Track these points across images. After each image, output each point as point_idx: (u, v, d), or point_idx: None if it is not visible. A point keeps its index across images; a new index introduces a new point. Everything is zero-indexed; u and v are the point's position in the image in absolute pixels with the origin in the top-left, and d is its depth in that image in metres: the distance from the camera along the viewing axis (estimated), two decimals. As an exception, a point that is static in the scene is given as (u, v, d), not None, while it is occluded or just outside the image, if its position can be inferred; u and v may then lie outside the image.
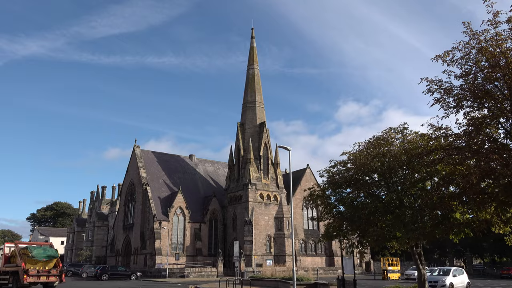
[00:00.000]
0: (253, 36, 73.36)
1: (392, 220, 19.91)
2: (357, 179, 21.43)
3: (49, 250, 29.87)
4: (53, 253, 29.66)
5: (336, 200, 23.92)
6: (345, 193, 23.69)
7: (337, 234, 22.64)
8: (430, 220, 18.53)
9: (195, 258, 61.11)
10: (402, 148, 20.72)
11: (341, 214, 23.56)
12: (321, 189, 23.69)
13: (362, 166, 20.78)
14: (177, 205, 62.39)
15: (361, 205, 20.95)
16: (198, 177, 72.55)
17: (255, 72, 71.10)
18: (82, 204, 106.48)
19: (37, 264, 28.27)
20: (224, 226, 66.06)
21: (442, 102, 17.87)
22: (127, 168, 71.73)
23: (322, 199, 23.61)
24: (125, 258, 67.34)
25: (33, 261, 28.13)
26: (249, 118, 68.26)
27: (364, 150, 22.00)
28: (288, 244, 62.21)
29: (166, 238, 59.79)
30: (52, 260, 29.16)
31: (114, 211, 78.69)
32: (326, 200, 23.80)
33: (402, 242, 20.96)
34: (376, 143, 21.30)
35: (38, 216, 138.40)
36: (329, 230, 23.22)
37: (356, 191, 21.87)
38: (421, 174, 20.28)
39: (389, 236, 20.49)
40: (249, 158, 64.30)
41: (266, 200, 63.84)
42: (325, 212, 23.94)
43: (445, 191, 18.07)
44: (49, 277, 28.69)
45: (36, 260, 28.20)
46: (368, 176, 21.62)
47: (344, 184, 21.92)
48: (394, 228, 19.27)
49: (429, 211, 18.71)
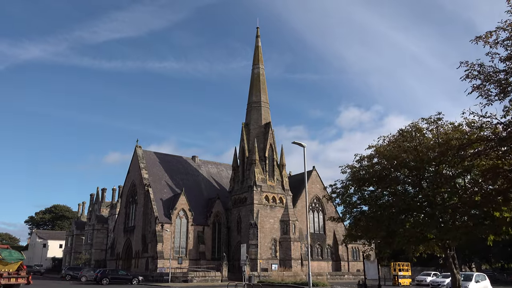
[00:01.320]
0: (258, 35, 71.81)
1: (424, 220, 18.15)
2: (385, 175, 19.62)
3: (14, 253, 30.39)
4: (19, 255, 30.25)
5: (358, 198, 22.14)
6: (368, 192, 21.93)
7: (361, 235, 20.75)
8: (471, 219, 16.73)
9: (198, 262, 59.10)
10: (436, 140, 18.94)
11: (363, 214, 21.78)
12: (343, 186, 21.85)
13: (394, 159, 18.91)
14: (180, 207, 60.49)
15: (389, 203, 19.15)
16: (201, 178, 70.70)
17: (260, 72, 69.44)
18: (81, 207, 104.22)
19: (7, 266, 28.86)
20: (228, 229, 64.11)
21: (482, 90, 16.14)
22: (128, 169, 69.91)
23: (343, 198, 21.81)
24: (125, 261, 65.33)
25: (3, 263, 28.63)
26: (254, 118, 66.52)
27: (392, 142, 20.18)
28: (294, 248, 60.38)
29: (169, 241, 57.84)
30: (18, 263, 29.80)
31: (114, 213, 76.73)
32: (347, 198, 22.00)
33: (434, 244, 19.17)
34: (408, 135, 19.46)
35: (36, 219, 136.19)
36: (353, 231, 21.35)
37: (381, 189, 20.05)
38: (456, 169, 18.49)
39: (420, 237, 18.71)
40: (254, 159, 62.48)
41: (272, 203, 61.97)
42: (346, 212, 22.14)
43: (490, 186, 16.29)
44: (18, 279, 29.55)
45: (6, 262, 28.73)
46: (397, 171, 19.79)
47: (370, 180, 20.09)
48: (429, 228, 17.47)
49: (468, 209, 16.92)
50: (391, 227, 18.96)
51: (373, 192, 20.51)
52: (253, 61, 70.55)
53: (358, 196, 21.35)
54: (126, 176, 70.30)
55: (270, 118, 67.44)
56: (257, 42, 71.31)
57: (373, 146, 20.76)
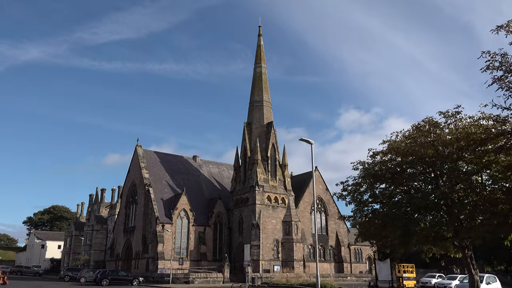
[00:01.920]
0: (260, 34, 71.05)
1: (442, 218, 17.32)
2: (400, 171, 18.77)
3: None
4: None
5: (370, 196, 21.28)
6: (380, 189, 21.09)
7: (375, 234, 19.88)
8: (494, 217, 15.89)
9: (199, 263, 58.18)
10: (454, 135, 18.09)
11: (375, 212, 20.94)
12: (354, 184, 20.99)
13: (410, 155, 18.04)
14: (181, 207, 59.58)
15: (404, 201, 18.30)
16: (202, 178, 69.82)
17: (263, 71, 68.70)
18: (80, 207, 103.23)
19: None
20: (229, 230, 63.20)
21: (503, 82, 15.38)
22: (129, 168, 69.01)
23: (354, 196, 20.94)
24: (125, 262, 64.37)
25: None
26: (256, 117, 65.71)
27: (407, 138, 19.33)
28: (297, 249, 59.51)
29: (169, 242, 56.93)
30: None
31: (114, 214, 75.79)
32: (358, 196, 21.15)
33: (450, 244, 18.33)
34: (424, 130, 18.60)
35: (34, 220, 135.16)
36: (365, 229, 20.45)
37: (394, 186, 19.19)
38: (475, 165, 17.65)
39: (437, 236, 17.88)
40: (256, 159, 61.64)
41: (274, 203, 61.09)
42: (357, 210, 21.28)
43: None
44: None
45: None
46: (413, 168, 18.91)
47: (384, 177, 19.23)
48: (448, 227, 16.64)
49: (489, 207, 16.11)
50: (408, 226, 18.11)
51: (385, 189, 19.64)
52: (255, 60, 69.79)
53: (370, 194, 20.49)
54: (126, 176, 69.40)
55: (272, 117, 66.67)
56: (259, 41, 70.55)
57: (388, 141, 19.92)
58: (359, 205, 21.04)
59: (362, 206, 21.39)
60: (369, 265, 72.12)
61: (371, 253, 73.26)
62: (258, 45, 70.34)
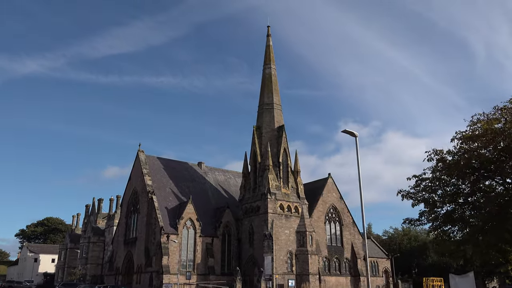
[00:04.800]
0: (269, 34, 67.53)
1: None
2: (496, 159, 14.70)
3: None
4: None
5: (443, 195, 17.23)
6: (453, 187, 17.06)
7: (468, 240, 15.64)
8: None
9: (207, 277, 53.58)
10: None
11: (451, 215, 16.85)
12: (430, 179, 16.90)
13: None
14: (186, 216, 55.06)
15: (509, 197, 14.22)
16: (208, 186, 65.46)
17: (272, 72, 65.05)
18: (76, 218, 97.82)
19: None
20: (238, 241, 58.62)
21: None
22: (130, 176, 64.52)
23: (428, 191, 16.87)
24: (126, 277, 59.45)
25: None
26: (266, 121, 61.76)
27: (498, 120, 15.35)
28: (312, 261, 55.07)
29: (175, 254, 52.34)
30: None
31: (112, 225, 71.11)
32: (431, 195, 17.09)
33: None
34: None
35: (27, 233, 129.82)
36: (445, 236, 16.29)
37: (491, 178, 15.15)
38: None
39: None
40: (267, 164, 57.47)
41: (287, 212, 56.78)
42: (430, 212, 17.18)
43: None
44: None
45: None
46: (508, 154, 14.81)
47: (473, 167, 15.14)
48: None
49: None
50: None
51: (475, 182, 15.49)
52: (264, 61, 66.17)
53: (450, 191, 16.39)
54: (127, 184, 64.88)
55: (283, 120, 62.81)
56: (268, 41, 67.06)
57: (478, 122, 15.77)
58: (432, 204, 16.93)
59: (432, 207, 17.29)
60: (386, 279, 67.73)
61: (388, 266, 69.02)
62: (267, 46, 66.81)
